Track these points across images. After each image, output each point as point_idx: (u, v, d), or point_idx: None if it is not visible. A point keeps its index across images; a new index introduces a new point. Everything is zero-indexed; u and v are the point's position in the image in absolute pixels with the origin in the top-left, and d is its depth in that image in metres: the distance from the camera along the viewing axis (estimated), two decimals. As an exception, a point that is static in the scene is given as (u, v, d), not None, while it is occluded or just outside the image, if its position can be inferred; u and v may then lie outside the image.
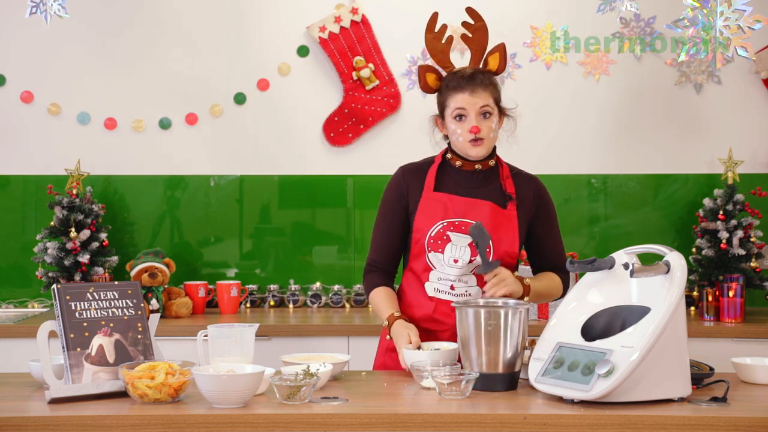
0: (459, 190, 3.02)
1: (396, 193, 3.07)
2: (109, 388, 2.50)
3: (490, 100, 2.97)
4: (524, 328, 2.61)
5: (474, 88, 2.96)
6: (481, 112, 2.96)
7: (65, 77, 4.59)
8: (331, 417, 2.33)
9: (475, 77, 2.98)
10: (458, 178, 3.04)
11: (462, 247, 2.94)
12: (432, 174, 3.04)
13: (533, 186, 3.09)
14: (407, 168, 3.11)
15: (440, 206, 2.99)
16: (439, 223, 2.97)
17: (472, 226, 2.85)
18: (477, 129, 2.94)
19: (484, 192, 3.02)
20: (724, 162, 4.44)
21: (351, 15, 4.56)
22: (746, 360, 2.75)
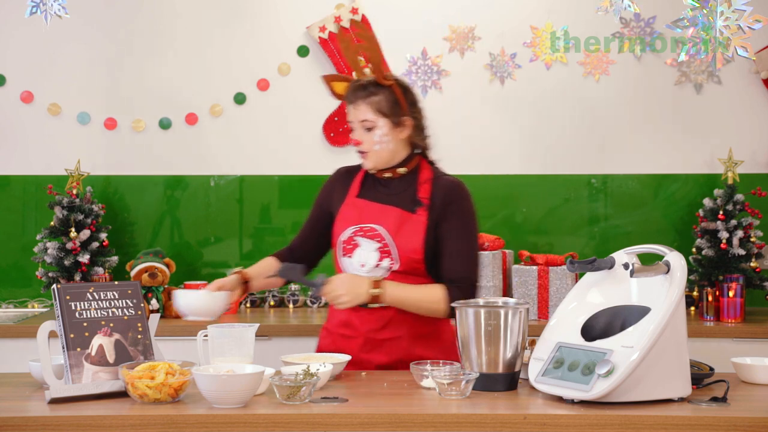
0: (378, 196, 3.03)
1: (322, 194, 3.16)
2: (109, 388, 2.50)
3: (369, 113, 2.96)
4: (524, 328, 2.61)
5: (356, 102, 2.98)
6: (362, 126, 2.98)
7: (65, 77, 4.59)
8: (331, 417, 2.33)
9: (357, 91, 2.99)
10: (378, 185, 3.06)
11: (370, 251, 2.96)
12: (358, 179, 3.08)
13: (444, 190, 2.99)
14: (341, 170, 3.18)
15: (355, 212, 3.02)
16: (350, 228, 2.99)
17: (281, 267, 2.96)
18: (357, 142, 2.99)
19: (395, 198, 3.01)
20: (724, 162, 4.44)
21: (351, 15, 4.56)
22: (746, 360, 2.75)
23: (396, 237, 2.94)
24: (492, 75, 4.59)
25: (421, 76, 4.60)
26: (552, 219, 4.63)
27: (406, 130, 3.00)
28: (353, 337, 2.99)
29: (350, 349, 2.96)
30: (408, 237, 2.95)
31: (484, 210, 4.61)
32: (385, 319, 2.97)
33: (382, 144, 2.97)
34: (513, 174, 4.62)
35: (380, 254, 2.95)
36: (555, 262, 4.19)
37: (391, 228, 2.95)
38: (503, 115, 4.61)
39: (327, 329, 3.11)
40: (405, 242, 2.95)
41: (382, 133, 2.97)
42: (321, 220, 3.13)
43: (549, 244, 4.60)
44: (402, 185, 3.03)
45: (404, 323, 2.97)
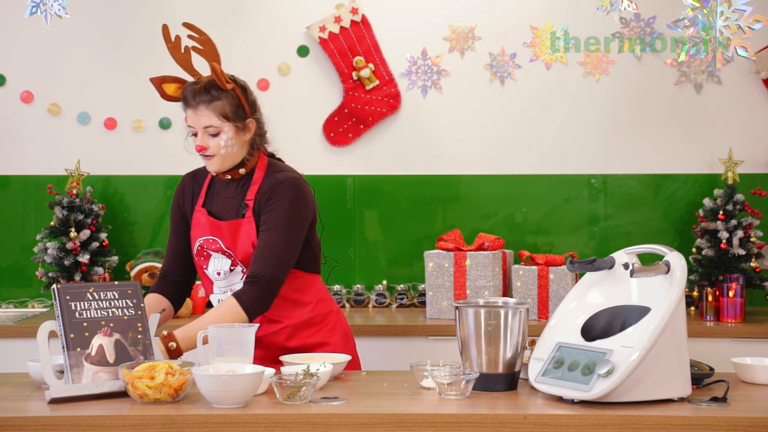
0: (216, 204, 3.02)
1: (175, 203, 3.13)
2: (109, 388, 2.50)
3: (213, 119, 2.92)
4: (524, 328, 2.61)
5: (198, 107, 2.92)
6: (207, 132, 2.94)
7: (65, 77, 4.59)
8: (331, 417, 2.33)
9: (198, 95, 2.92)
10: (219, 189, 3.05)
11: (221, 259, 2.98)
12: (205, 186, 3.07)
13: (268, 186, 2.99)
14: (187, 178, 3.15)
15: (199, 224, 3.02)
16: (198, 240, 3.01)
17: None
18: (201, 147, 2.95)
19: (230, 205, 3.00)
20: (724, 162, 4.44)
21: (351, 15, 4.56)
22: (746, 360, 2.75)
23: (234, 247, 2.96)
24: (492, 75, 4.59)
25: (421, 76, 4.60)
26: (552, 219, 4.63)
27: (249, 132, 3.00)
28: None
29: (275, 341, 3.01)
30: (244, 243, 2.95)
31: (484, 210, 4.63)
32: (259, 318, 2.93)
33: (228, 148, 2.95)
34: (513, 174, 4.62)
35: (231, 261, 2.98)
36: (555, 262, 4.19)
37: (227, 240, 2.96)
38: (503, 115, 4.61)
39: None
40: (243, 249, 2.95)
41: (228, 137, 2.94)
42: (180, 231, 3.09)
43: (549, 244, 4.60)
44: (236, 188, 3.03)
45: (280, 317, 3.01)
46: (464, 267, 4.13)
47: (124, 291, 2.63)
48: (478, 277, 4.12)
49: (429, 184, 4.61)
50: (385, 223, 4.62)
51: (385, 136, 4.62)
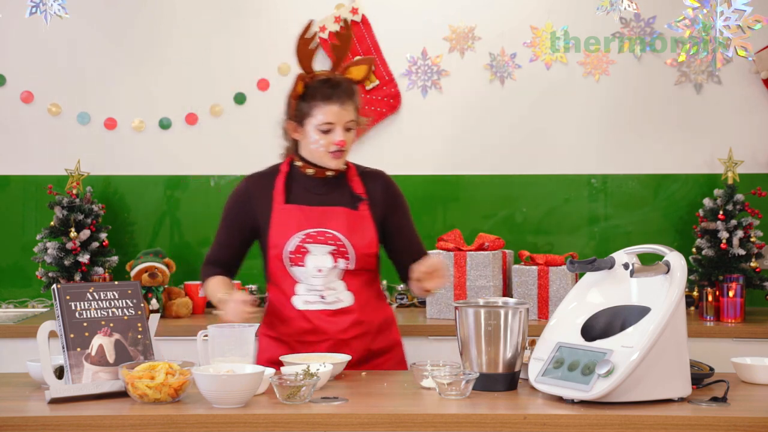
0: (310, 198, 3.00)
1: (239, 207, 3.07)
2: (109, 388, 2.50)
3: (353, 113, 2.97)
4: (524, 328, 2.61)
5: (343, 100, 2.95)
6: (346, 127, 2.96)
7: (65, 77, 4.59)
8: (331, 417, 2.33)
9: (342, 87, 2.96)
10: (308, 186, 3.03)
11: (322, 255, 2.95)
12: (281, 185, 3.03)
13: (380, 182, 3.07)
14: (252, 178, 3.11)
15: (293, 219, 2.97)
16: (295, 237, 2.95)
17: None
18: (343, 143, 2.95)
19: (335, 197, 3.01)
20: (724, 162, 4.44)
21: (351, 15, 4.56)
22: (746, 360, 2.75)
23: (350, 236, 2.95)
24: (492, 75, 4.59)
25: (421, 76, 4.60)
26: (552, 219, 4.63)
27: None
28: (320, 342, 2.96)
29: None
30: (361, 234, 2.96)
31: (485, 210, 4.63)
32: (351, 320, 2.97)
33: (353, 144, 3.02)
34: (513, 174, 4.62)
35: (333, 257, 2.95)
36: (555, 262, 4.19)
37: (343, 228, 2.95)
38: (503, 115, 4.61)
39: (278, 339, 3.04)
40: (359, 240, 2.96)
41: (355, 133, 3.01)
42: (240, 235, 3.08)
43: (549, 244, 4.60)
44: (332, 184, 3.03)
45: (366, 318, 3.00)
46: (464, 267, 4.13)
47: (124, 291, 2.63)
48: (478, 277, 4.11)
49: (429, 184, 4.61)
50: (385, 223, 4.62)
51: (385, 136, 4.62)
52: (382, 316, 3.07)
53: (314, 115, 2.96)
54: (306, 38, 3.04)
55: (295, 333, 2.99)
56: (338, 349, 2.95)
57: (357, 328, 2.98)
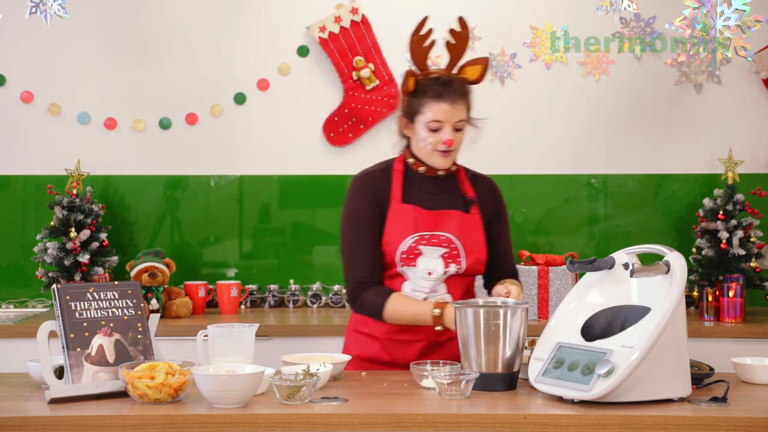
0: (424, 198, 2.97)
1: (367, 203, 2.96)
2: (109, 388, 2.50)
3: (464, 113, 2.94)
4: (524, 328, 2.61)
5: (454, 99, 2.91)
6: (456, 126, 2.92)
7: (65, 77, 4.59)
8: (331, 417, 2.33)
9: (454, 85, 2.93)
10: (421, 185, 2.99)
11: (434, 259, 2.92)
12: (398, 183, 2.98)
13: (489, 187, 3.07)
14: (368, 175, 3.03)
15: (410, 219, 2.93)
16: (410, 238, 2.92)
17: None
18: (452, 142, 2.92)
19: (447, 199, 2.98)
20: (724, 162, 4.44)
21: (351, 15, 4.56)
22: (746, 360, 2.75)
23: (463, 239, 2.92)
24: (492, 75, 4.59)
25: (421, 76, 4.60)
26: (552, 219, 4.63)
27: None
28: (413, 341, 2.93)
29: (409, 353, 2.91)
30: (473, 238, 2.94)
31: (484, 210, 4.63)
32: None
33: (461, 144, 2.98)
34: (513, 174, 4.62)
35: (444, 260, 2.92)
36: (555, 262, 4.19)
37: (457, 232, 2.93)
38: (503, 115, 4.61)
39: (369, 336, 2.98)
40: (471, 243, 2.94)
41: (464, 133, 2.97)
42: (378, 234, 2.94)
43: (549, 244, 4.60)
44: (444, 185, 3.00)
45: None
46: (464, 267, 4.12)
47: (124, 291, 2.63)
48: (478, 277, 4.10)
49: (429, 184, 4.60)
50: (385, 223, 4.61)
51: (385, 136, 4.59)
52: None
53: (424, 112, 2.91)
54: (421, 35, 3.01)
55: (390, 330, 2.94)
56: (431, 351, 2.92)
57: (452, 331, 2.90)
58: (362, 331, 3.00)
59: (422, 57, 3.01)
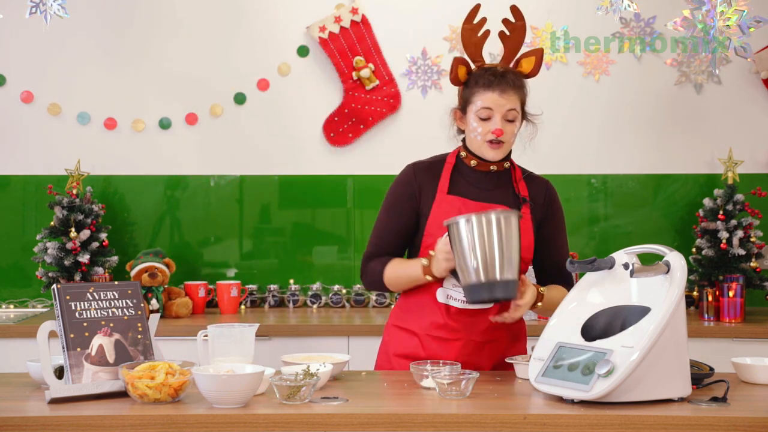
0: (472, 192, 2.92)
1: (407, 191, 2.93)
2: (109, 388, 2.50)
3: (517, 103, 2.89)
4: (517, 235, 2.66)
5: (504, 89, 2.86)
6: (506, 116, 2.87)
7: (65, 77, 4.59)
8: (331, 417, 2.33)
9: (507, 77, 2.88)
10: (471, 179, 2.94)
11: None
12: (446, 175, 2.94)
13: (544, 188, 3.02)
14: (419, 166, 2.98)
15: (454, 210, 2.87)
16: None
17: None
18: (500, 131, 2.86)
19: (497, 195, 2.93)
20: (724, 162, 4.44)
21: (351, 15, 4.56)
22: (746, 360, 2.75)
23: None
24: (492, 75, 4.59)
25: (421, 76, 4.60)
26: (552, 219, 4.63)
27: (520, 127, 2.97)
28: (452, 339, 2.88)
29: (448, 352, 2.87)
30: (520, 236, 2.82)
31: (484, 210, 4.63)
32: (488, 321, 2.87)
33: (514, 137, 2.94)
34: (513, 174, 4.61)
35: None
36: (555, 262, 4.18)
37: None
38: (503, 115, 4.60)
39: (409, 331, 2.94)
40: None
41: (517, 127, 2.92)
42: (406, 222, 2.93)
43: (549, 244, 4.60)
44: (496, 181, 2.95)
45: (503, 324, 2.90)
46: (464, 267, 4.12)
47: (124, 291, 2.63)
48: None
49: (429, 184, 4.61)
50: (385, 223, 4.61)
51: (385, 136, 4.62)
52: (518, 326, 2.97)
53: (474, 101, 2.88)
54: (474, 24, 2.95)
55: (429, 326, 2.89)
56: (471, 351, 2.87)
57: (493, 332, 2.89)
58: (402, 327, 2.96)
59: (476, 47, 2.95)
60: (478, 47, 2.95)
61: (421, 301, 2.92)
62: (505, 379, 2.76)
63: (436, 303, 2.89)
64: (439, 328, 2.89)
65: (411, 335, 2.93)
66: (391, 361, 2.96)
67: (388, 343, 2.99)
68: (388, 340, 3.00)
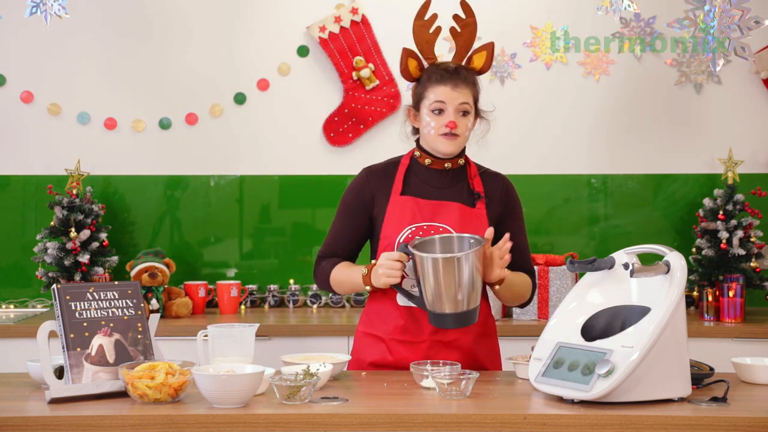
0: (426, 191, 2.93)
1: (358, 198, 2.97)
2: (109, 388, 2.50)
3: (470, 98, 2.90)
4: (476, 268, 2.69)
5: (456, 83, 2.88)
6: (460, 110, 2.88)
7: (65, 77, 4.59)
8: (331, 417, 2.33)
9: (459, 72, 2.90)
10: (426, 178, 2.95)
11: None
12: (400, 177, 2.95)
13: (501, 184, 3.01)
14: (373, 170, 3.01)
15: (407, 211, 2.89)
16: (406, 229, 2.88)
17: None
18: (454, 124, 2.87)
19: (451, 192, 2.94)
20: (724, 162, 4.44)
21: (351, 15, 4.56)
22: (746, 360, 2.75)
23: (461, 232, 2.85)
24: (492, 75, 4.59)
25: (421, 76, 4.60)
26: (552, 219, 4.63)
27: (476, 122, 2.98)
28: (416, 342, 2.88)
29: (415, 354, 2.87)
30: (474, 232, 2.84)
31: (484, 210, 4.63)
32: None
33: (468, 132, 2.93)
34: (513, 174, 4.58)
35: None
36: (555, 262, 4.19)
37: (455, 224, 2.87)
38: (503, 115, 4.58)
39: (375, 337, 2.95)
40: None
41: (471, 121, 2.93)
42: (358, 226, 2.97)
43: (549, 244, 4.60)
44: (450, 179, 2.96)
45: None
46: (464, 267, 4.12)
47: (124, 291, 2.63)
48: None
49: (429, 184, 4.61)
50: (385, 223, 4.61)
51: (385, 136, 4.62)
52: (484, 321, 2.96)
53: (427, 96, 2.90)
54: (425, 20, 2.96)
55: (393, 330, 2.90)
56: (438, 351, 2.87)
57: (458, 330, 2.87)
58: (369, 333, 2.97)
59: (428, 44, 2.96)
60: (430, 44, 2.96)
61: (383, 306, 2.93)
62: (505, 379, 2.76)
63: (398, 307, 2.90)
64: (403, 331, 2.90)
65: (378, 341, 2.94)
66: (359, 367, 2.97)
67: (359, 351, 2.99)
68: (359, 348, 3.00)
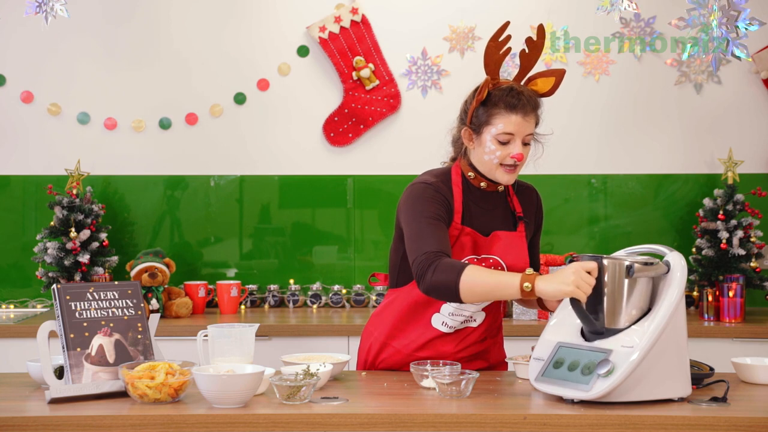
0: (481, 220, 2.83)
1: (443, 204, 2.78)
2: (109, 388, 2.50)
3: (533, 127, 2.82)
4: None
5: (526, 112, 2.76)
6: (525, 140, 2.80)
7: (65, 77, 4.59)
8: (331, 417, 2.33)
9: (530, 101, 2.78)
10: (478, 201, 2.86)
11: None
12: (459, 198, 2.83)
13: (533, 198, 2.99)
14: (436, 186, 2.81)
15: (468, 246, 2.82)
16: (465, 259, 2.81)
17: None
18: (521, 156, 2.79)
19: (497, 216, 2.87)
20: (724, 162, 4.44)
21: (351, 15, 4.56)
22: (746, 360, 2.75)
23: (509, 260, 2.82)
24: (492, 75, 4.59)
25: (421, 76, 4.60)
26: (552, 219, 4.63)
27: None
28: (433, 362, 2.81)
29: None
30: (517, 256, 2.82)
31: (484, 210, 4.63)
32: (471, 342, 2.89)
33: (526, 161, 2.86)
34: (513, 174, 4.61)
35: None
36: (555, 262, 4.19)
37: (503, 253, 2.82)
38: (503, 115, 4.60)
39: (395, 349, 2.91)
40: (514, 261, 2.83)
41: (531, 148, 2.85)
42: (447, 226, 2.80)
43: (549, 244, 4.60)
44: (496, 200, 2.89)
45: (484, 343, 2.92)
46: (464, 267, 4.12)
47: (124, 291, 2.63)
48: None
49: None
50: (385, 223, 4.62)
51: (385, 136, 4.62)
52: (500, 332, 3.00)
53: (494, 123, 2.77)
54: (498, 42, 2.80)
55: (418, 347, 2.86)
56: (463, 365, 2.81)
57: (477, 346, 2.90)
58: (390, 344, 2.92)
59: (497, 65, 2.82)
60: (497, 65, 2.83)
61: (416, 323, 2.88)
62: (505, 379, 2.76)
63: (430, 327, 2.86)
64: (424, 348, 2.87)
65: (396, 352, 2.90)
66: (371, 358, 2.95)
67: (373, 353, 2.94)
68: (376, 352, 2.93)
